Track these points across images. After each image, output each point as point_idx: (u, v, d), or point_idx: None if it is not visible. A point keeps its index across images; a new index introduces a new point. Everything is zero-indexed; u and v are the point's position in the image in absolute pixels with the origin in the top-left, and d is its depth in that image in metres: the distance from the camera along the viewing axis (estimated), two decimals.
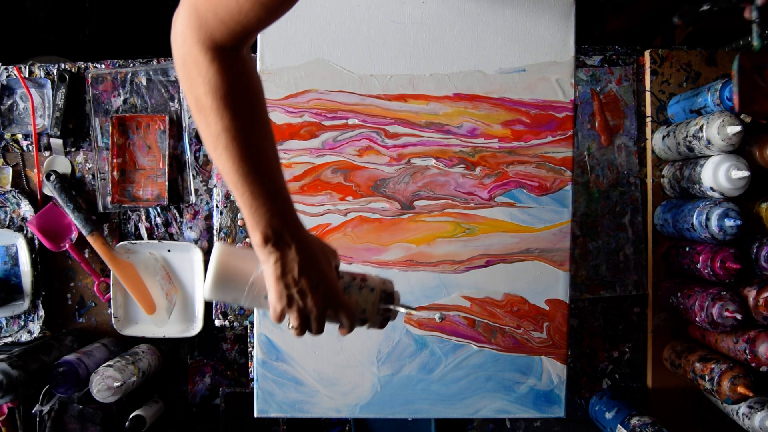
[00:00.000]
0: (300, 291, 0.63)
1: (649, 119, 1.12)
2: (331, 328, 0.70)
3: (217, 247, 0.67)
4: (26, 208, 1.12)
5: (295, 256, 0.62)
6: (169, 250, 1.13)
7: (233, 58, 0.56)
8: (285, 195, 0.62)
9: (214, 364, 1.16)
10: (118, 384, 0.98)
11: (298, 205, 0.88)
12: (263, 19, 0.53)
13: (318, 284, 0.64)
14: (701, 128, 0.96)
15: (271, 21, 0.54)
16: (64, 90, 1.11)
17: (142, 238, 1.14)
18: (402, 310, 0.77)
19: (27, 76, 1.14)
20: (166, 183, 1.12)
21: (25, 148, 1.15)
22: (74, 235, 1.12)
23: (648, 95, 1.12)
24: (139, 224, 1.14)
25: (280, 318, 0.66)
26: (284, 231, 0.61)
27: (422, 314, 0.88)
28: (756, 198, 0.97)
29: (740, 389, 0.91)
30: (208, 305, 1.12)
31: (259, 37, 0.88)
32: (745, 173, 0.92)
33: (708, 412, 1.12)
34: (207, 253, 1.13)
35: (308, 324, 0.66)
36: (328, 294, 0.65)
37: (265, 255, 0.62)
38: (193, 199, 1.14)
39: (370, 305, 0.71)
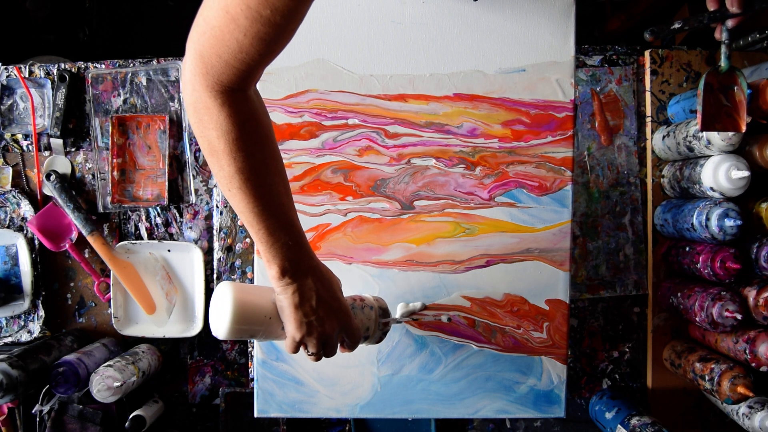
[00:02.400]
0: (318, 318, 0.66)
1: (649, 119, 1.12)
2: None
3: (227, 286, 0.67)
4: (26, 208, 1.12)
5: (312, 285, 0.65)
6: (169, 250, 1.13)
7: (242, 99, 0.57)
8: (298, 227, 0.65)
9: (214, 364, 1.16)
10: (118, 384, 0.98)
11: (298, 205, 0.88)
12: (264, 54, 0.53)
13: (333, 310, 0.68)
14: None
15: (272, 55, 0.55)
16: (64, 90, 1.11)
17: (142, 238, 1.14)
18: (399, 322, 0.87)
19: (27, 76, 1.14)
20: (166, 183, 1.12)
21: (25, 148, 1.15)
22: (74, 235, 1.12)
23: (648, 95, 1.12)
24: (139, 224, 1.14)
25: (297, 347, 0.68)
26: (300, 262, 0.64)
27: (429, 316, 0.89)
28: (756, 198, 0.97)
29: (740, 389, 0.91)
30: (208, 305, 1.12)
31: None
32: (745, 173, 0.92)
33: (708, 412, 1.12)
34: (207, 253, 1.13)
35: (325, 349, 0.69)
36: (341, 318, 0.69)
37: (283, 286, 0.65)
38: (193, 199, 1.14)
39: (372, 322, 0.77)
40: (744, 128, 0.86)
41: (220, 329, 0.66)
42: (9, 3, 1.64)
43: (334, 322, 0.68)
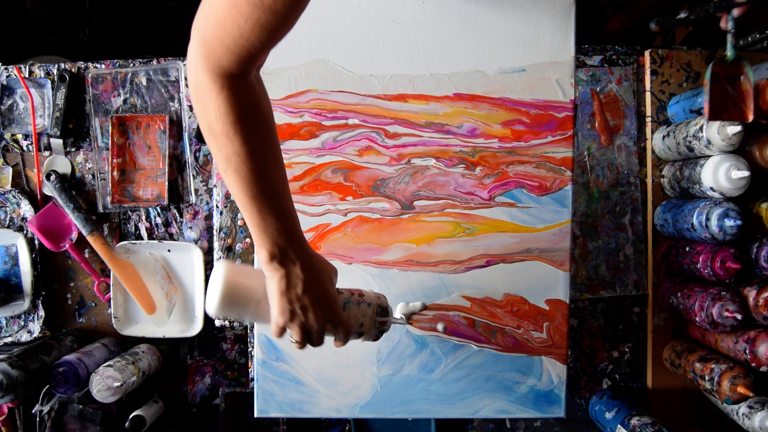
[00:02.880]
0: (302, 307, 0.66)
1: (649, 119, 1.12)
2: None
3: (222, 265, 0.68)
4: (26, 208, 1.12)
5: (300, 274, 0.65)
6: (169, 250, 1.13)
7: (242, 84, 0.58)
8: (291, 215, 0.65)
9: (214, 364, 1.16)
10: (118, 384, 0.98)
11: (298, 205, 0.88)
12: (264, 41, 0.54)
13: (320, 301, 0.67)
14: (701, 128, 0.96)
15: (272, 43, 0.56)
16: (64, 90, 1.11)
17: (142, 238, 1.14)
18: (398, 323, 0.83)
19: (27, 76, 1.14)
20: (166, 183, 1.12)
21: (25, 148, 1.15)
22: (74, 235, 1.12)
23: (648, 95, 1.12)
24: (139, 224, 1.14)
25: (281, 332, 0.69)
26: (290, 249, 0.64)
27: (428, 315, 0.89)
28: (756, 198, 0.97)
29: (740, 389, 0.91)
30: None
31: None
32: (745, 173, 0.92)
33: (708, 412, 1.12)
34: (207, 253, 1.13)
35: (309, 338, 0.69)
36: (328, 310, 0.69)
37: (271, 271, 0.65)
38: (193, 199, 1.14)
39: (368, 319, 0.76)
40: (751, 117, 0.86)
41: (211, 306, 0.68)
42: (9, 3, 1.64)
43: (319, 312, 0.67)
